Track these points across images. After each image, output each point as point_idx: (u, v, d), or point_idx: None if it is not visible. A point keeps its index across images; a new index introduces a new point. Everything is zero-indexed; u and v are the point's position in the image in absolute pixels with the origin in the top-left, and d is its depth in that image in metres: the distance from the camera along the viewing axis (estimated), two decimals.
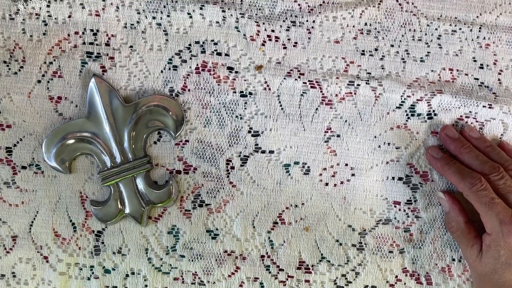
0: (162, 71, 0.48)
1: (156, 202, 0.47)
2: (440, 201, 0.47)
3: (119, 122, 0.46)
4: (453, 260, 0.48)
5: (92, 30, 0.48)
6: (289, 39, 0.48)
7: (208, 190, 0.48)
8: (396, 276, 0.48)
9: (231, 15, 0.48)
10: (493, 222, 0.42)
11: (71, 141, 0.46)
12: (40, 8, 0.47)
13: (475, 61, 0.49)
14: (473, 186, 0.43)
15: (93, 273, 0.48)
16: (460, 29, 0.49)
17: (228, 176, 0.48)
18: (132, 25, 0.48)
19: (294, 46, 0.48)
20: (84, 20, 0.48)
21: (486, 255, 0.43)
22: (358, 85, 0.48)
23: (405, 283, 0.48)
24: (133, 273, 0.48)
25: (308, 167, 0.48)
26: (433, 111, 0.48)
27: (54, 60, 0.47)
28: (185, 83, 0.48)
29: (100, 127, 0.46)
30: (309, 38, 0.48)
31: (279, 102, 0.48)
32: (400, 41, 0.49)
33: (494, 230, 0.42)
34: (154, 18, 0.48)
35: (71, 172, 0.47)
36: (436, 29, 0.49)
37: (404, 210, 0.48)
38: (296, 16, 0.48)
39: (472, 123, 0.48)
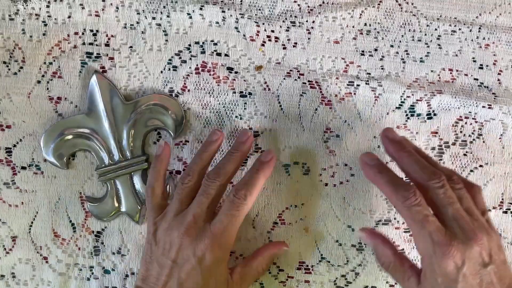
0: (162, 72, 0.48)
1: None
2: (361, 239, 0.45)
3: (118, 120, 0.46)
4: None
5: (91, 31, 0.48)
6: (288, 40, 0.48)
7: None
8: None
9: (231, 15, 0.48)
10: (426, 243, 0.37)
11: (70, 137, 0.46)
12: (40, 8, 0.47)
13: (474, 61, 0.49)
14: (406, 200, 0.37)
15: (92, 273, 0.48)
16: (459, 29, 0.49)
17: None
18: (132, 26, 0.48)
19: (293, 46, 0.48)
20: (83, 20, 0.48)
21: (424, 284, 0.38)
22: (358, 85, 0.48)
23: None
24: (132, 273, 0.48)
25: (308, 167, 0.48)
26: (433, 111, 0.48)
27: (54, 61, 0.47)
28: (184, 83, 0.48)
29: (99, 124, 0.46)
30: (308, 38, 0.48)
31: (279, 102, 0.48)
32: (400, 41, 0.49)
33: (427, 252, 0.37)
34: (154, 18, 0.48)
35: (68, 168, 0.47)
36: (435, 29, 0.49)
37: None
38: (295, 17, 0.48)
39: (471, 123, 0.48)
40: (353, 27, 0.49)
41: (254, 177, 0.42)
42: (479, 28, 0.49)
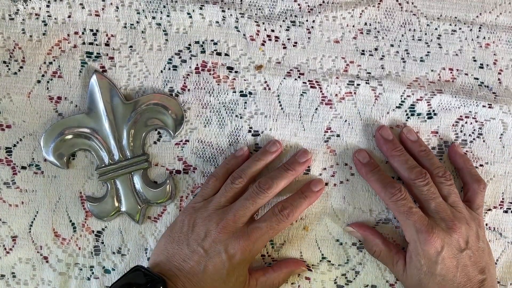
0: (162, 71, 0.48)
1: (153, 200, 0.47)
2: (351, 234, 0.47)
3: (118, 119, 0.46)
4: None
5: (91, 30, 0.48)
6: (289, 39, 0.48)
7: None
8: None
9: (231, 15, 0.48)
10: (411, 231, 0.43)
11: (70, 136, 0.46)
12: (40, 8, 0.47)
13: (475, 60, 0.49)
14: (392, 196, 0.43)
15: (93, 273, 0.48)
16: (460, 28, 0.49)
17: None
18: (132, 25, 0.48)
19: (294, 46, 0.48)
20: (83, 20, 0.48)
21: (410, 266, 0.44)
22: (358, 84, 0.48)
23: None
24: None
25: (308, 166, 0.48)
26: (433, 110, 0.48)
27: (54, 60, 0.47)
28: (185, 83, 0.48)
29: (99, 124, 0.46)
30: (309, 38, 0.48)
31: (279, 101, 0.48)
32: (400, 40, 0.49)
33: (412, 238, 0.43)
34: (154, 18, 0.48)
35: (69, 168, 0.47)
36: (436, 28, 0.49)
37: None
38: (296, 16, 0.48)
39: (472, 123, 0.48)
40: (353, 26, 0.49)
41: (301, 202, 0.45)
42: (480, 28, 0.49)
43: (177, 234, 0.44)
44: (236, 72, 0.48)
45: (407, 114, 0.48)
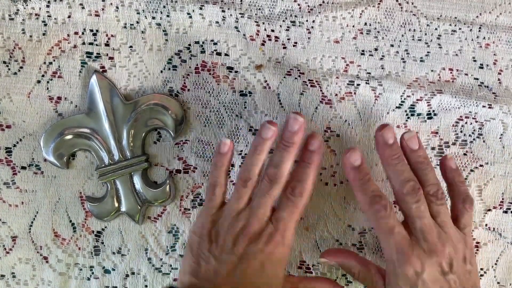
0: (161, 71, 0.48)
1: (153, 200, 0.47)
2: (326, 264, 0.47)
3: (118, 119, 0.46)
4: None
5: (91, 30, 0.48)
6: (288, 39, 0.48)
7: None
8: None
9: (231, 15, 0.48)
10: (390, 250, 0.41)
11: (70, 136, 0.46)
12: (40, 8, 0.47)
13: (475, 61, 0.49)
14: (377, 213, 0.41)
15: (93, 273, 0.48)
16: (460, 29, 0.49)
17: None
18: (131, 25, 0.48)
19: (293, 46, 0.48)
20: (83, 20, 0.48)
21: (389, 287, 0.41)
22: (358, 84, 0.48)
23: None
24: (133, 273, 0.48)
25: None
26: (433, 111, 0.48)
27: (54, 60, 0.47)
28: (184, 83, 0.48)
29: (99, 124, 0.46)
30: (308, 38, 0.48)
31: (279, 101, 0.48)
32: (400, 41, 0.49)
33: (390, 258, 0.41)
34: (153, 18, 0.48)
35: (68, 168, 0.47)
36: (436, 29, 0.49)
37: None
38: (295, 16, 0.48)
39: (472, 123, 0.48)
40: (353, 26, 0.49)
41: (307, 172, 0.43)
42: (480, 28, 0.49)
43: (199, 251, 0.42)
44: (236, 72, 0.48)
45: (407, 114, 0.48)
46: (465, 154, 0.48)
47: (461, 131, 0.48)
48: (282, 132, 0.43)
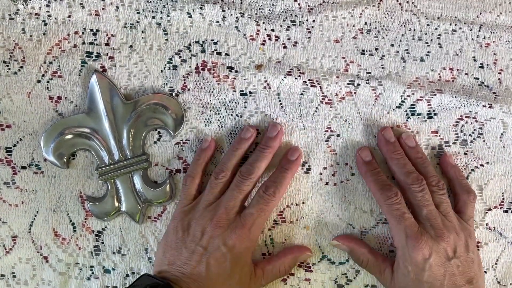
0: (162, 71, 0.48)
1: (153, 200, 0.47)
2: (337, 247, 0.47)
3: (118, 119, 0.46)
4: None
5: (92, 30, 0.48)
6: (289, 39, 0.48)
7: None
8: None
9: (231, 14, 0.48)
10: (400, 236, 0.43)
11: (70, 136, 0.46)
12: (40, 8, 0.47)
13: (475, 60, 0.49)
14: (388, 199, 0.44)
15: (93, 273, 0.48)
16: (460, 28, 0.49)
17: None
18: (132, 25, 0.48)
19: (294, 45, 0.48)
20: (83, 20, 0.48)
21: (397, 274, 0.44)
22: (358, 84, 0.48)
23: None
24: (133, 273, 0.48)
25: (309, 166, 0.48)
26: (433, 110, 0.48)
27: (54, 60, 0.47)
28: (185, 82, 0.48)
29: (99, 123, 0.46)
30: (309, 37, 0.48)
31: (279, 100, 0.48)
32: (400, 40, 0.49)
33: (401, 243, 0.43)
34: (154, 17, 0.48)
35: (69, 167, 0.47)
36: (436, 28, 0.49)
37: None
38: (296, 16, 0.48)
39: (472, 123, 0.48)
40: (353, 26, 0.49)
41: (282, 176, 0.45)
42: (480, 27, 0.49)
43: (173, 241, 0.44)
44: (236, 71, 0.48)
45: (407, 114, 0.48)
46: (465, 154, 0.48)
47: (461, 131, 0.48)
48: (261, 138, 0.47)
